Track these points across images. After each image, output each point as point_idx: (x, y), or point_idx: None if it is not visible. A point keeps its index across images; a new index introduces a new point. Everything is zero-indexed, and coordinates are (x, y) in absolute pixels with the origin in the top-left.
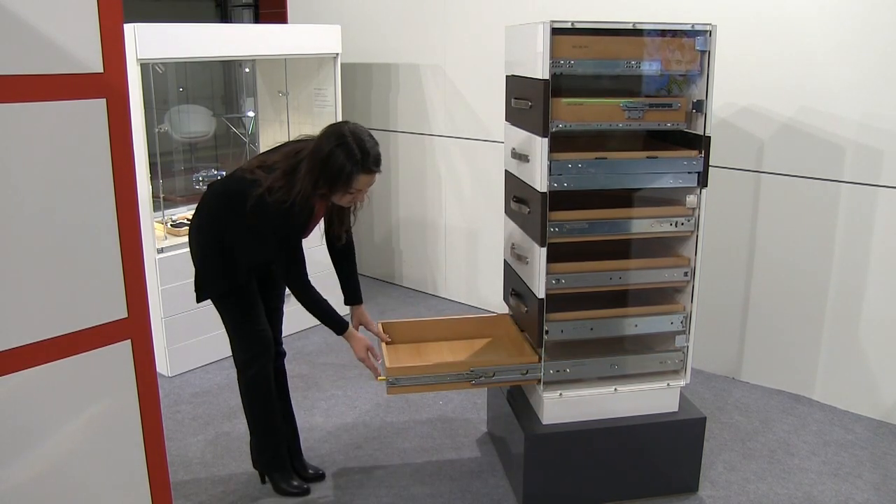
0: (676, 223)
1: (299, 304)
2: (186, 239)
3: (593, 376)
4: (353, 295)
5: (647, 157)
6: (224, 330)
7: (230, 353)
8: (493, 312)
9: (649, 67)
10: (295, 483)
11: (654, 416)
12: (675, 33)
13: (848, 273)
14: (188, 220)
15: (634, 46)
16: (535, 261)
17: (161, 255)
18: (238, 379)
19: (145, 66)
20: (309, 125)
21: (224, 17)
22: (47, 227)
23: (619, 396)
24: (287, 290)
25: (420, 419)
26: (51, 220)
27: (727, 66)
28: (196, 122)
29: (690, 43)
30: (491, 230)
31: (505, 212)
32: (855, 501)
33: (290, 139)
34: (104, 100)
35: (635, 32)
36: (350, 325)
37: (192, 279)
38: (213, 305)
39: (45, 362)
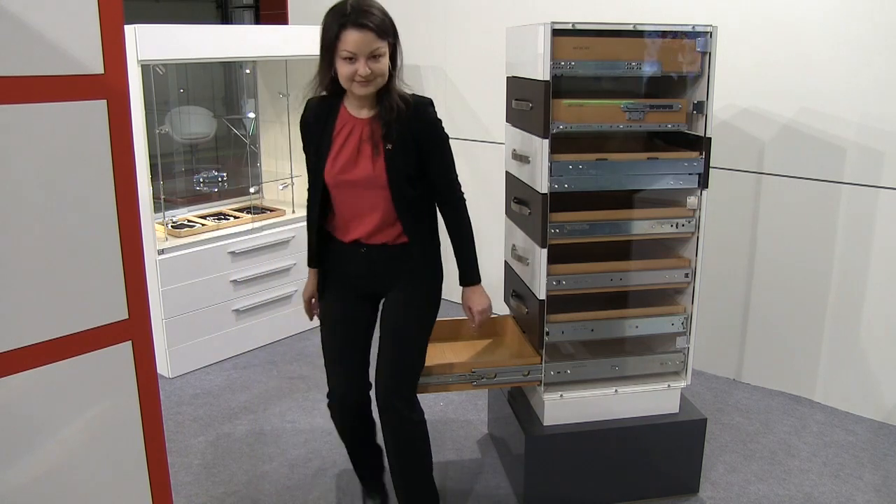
0: (677, 224)
1: (298, 307)
2: (186, 240)
3: (594, 377)
4: (461, 272)
5: (648, 159)
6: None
7: (231, 355)
8: (494, 314)
9: (650, 69)
10: None
11: (654, 418)
12: (675, 34)
13: (848, 274)
14: (188, 221)
15: (635, 48)
16: (536, 262)
17: (162, 257)
18: None
19: (146, 68)
20: None
21: (225, 18)
22: (48, 229)
23: (620, 398)
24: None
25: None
26: (51, 222)
27: (728, 67)
28: (197, 124)
29: (691, 44)
30: (491, 231)
31: (505, 213)
32: (855, 503)
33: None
34: (105, 101)
35: (636, 34)
36: (312, 267)
37: (192, 279)
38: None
39: (46, 363)
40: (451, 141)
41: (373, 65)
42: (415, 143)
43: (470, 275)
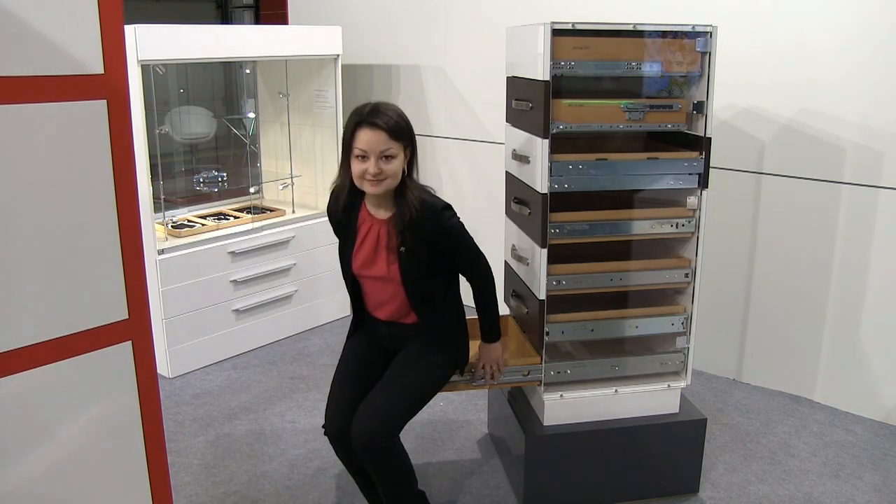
0: (677, 224)
1: (298, 307)
2: (186, 240)
3: (594, 377)
4: (482, 331)
5: (648, 159)
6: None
7: (231, 355)
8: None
9: (650, 69)
10: None
11: (654, 418)
12: (675, 34)
13: (848, 274)
14: (188, 221)
15: (635, 47)
16: (536, 262)
17: (162, 257)
18: None
19: (146, 68)
20: (309, 126)
21: (225, 18)
22: (48, 229)
23: (620, 398)
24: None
25: (421, 420)
26: (51, 222)
27: (728, 67)
28: (197, 124)
29: (691, 44)
30: (491, 231)
31: (505, 213)
32: (856, 503)
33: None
34: (105, 101)
35: (636, 33)
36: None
37: (192, 279)
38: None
39: (46, 363)
40: (451, 141)
41: (383, 165)
42: (429, 247)
43: (488, 335)
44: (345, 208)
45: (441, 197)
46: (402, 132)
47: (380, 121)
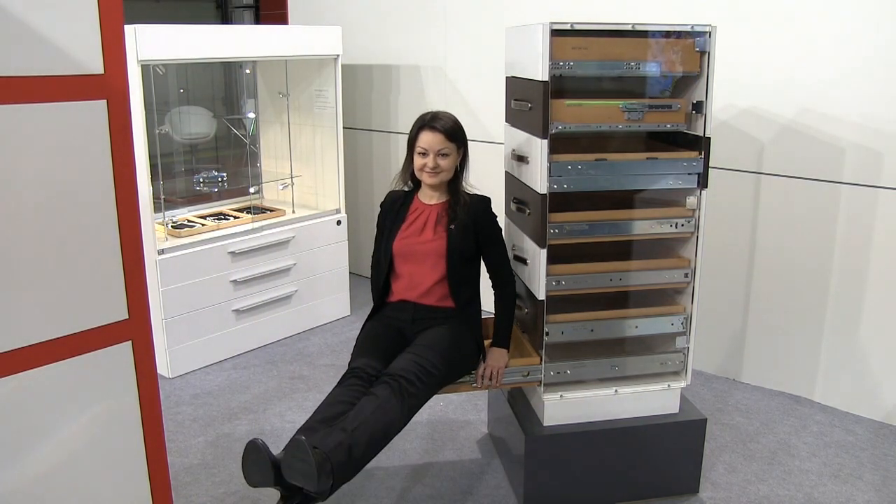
0: (677, 224)
1: (298, 307)
2: (186, 240)
3: (594, 378)
4: (494, 334)
5: (647, 159)
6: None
7: (231, 355)
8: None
9: (649, 69)
10: None
11: (654, 418)
12: (674, 34)
13: (848, 274)
14: (188, 221)
15: (634, 47)
16: (536, 262)
17: (162, 257)
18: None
19: (146, 68)
20: (309, 126)
21: (224, 18)
22: (48, 229)
23: (620, 398)
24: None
25: (421, 420)
26: (51, 222)
27: (727, 67)
28: (197, 124)
29: (690, 44)
30: None
31: (505, 213)
32: (856, 503)
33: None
34: (105, 101)
35: (635, 33)
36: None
37: (192, 280)
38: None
39: (46, 363)
40: None
41: (440, 160)
42: (474, 230)
43: (501, 340)
44: (395, 202)
45: None
46: (456, 135)
47: (438, 125)
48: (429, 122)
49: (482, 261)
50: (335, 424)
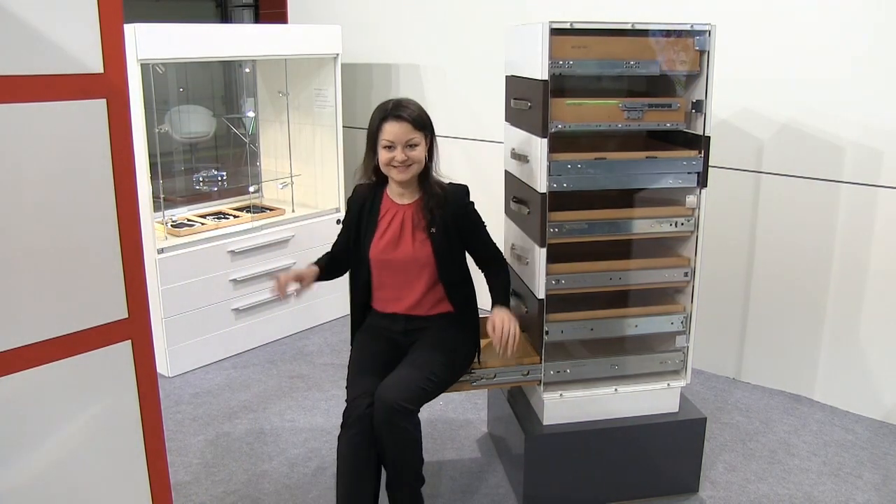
0: (676, 223)
1: (298, 306)
2: (186, 239)
3: (594, 377)
4: (493, 296)
5: (647, 158)
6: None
7: (230, 354)
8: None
9: (648, 68)
10: None
11: (654, 417)
12: (674, 33)
13: (848, 273)
14: (188, 220)
15: (634, 47)
16: (535, 261)
17: (161, 256)
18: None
19: (146, 67)
20: (309, 125)
21: (224, 17)
22: (48, 228)
23: (620, 397)
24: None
25: (421, 419)
26: (51, 221)
27: (727, 65)
28: (196, 123)
29: (690, 43)
30: (491, 231)
31: (505, 212)
32: (855, 502)
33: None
34: (104, 100)
35: (634, 32)
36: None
37: (192, 279)
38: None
39: (46, 363)
40: (450, 141)
41: (409, 152)
42: (455, 225)
43: (500, 297)
44: (364, 199)
45: None
46: (423, 123)
47: (404, 113)
48: (392, 111)
49: (468, 254)
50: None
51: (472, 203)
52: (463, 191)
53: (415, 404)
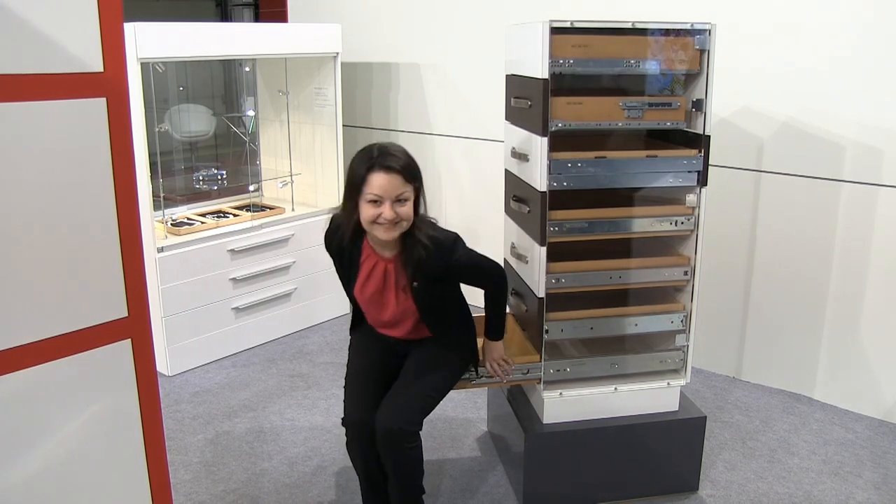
0: (676, 222)
1: (298, 305)
2: (186, 238)
3: (593, 376)
4: (487, 329)
5: (647, 157)
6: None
7: (230, 353)
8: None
9: (649, 66)
10: None
11: (654, 416)
12: (674, 32)
13: (848, 272)
14: (188, 219)
15: (634, 45)
16: (535, 260)
17: (161, 255)
18: None
19: (145, 66)
20: (309, 124)
21: (224, 16)
22: (47, 227)
23: (620, 396)
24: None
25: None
26: (51, 220)
27: (727, 64)
28: (196, 122)
29: (690, 42)
30: (491, 229)
31: (505, 211)
32: (855, 501)
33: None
34: (104, 99)
35: (635, 31)
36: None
37: (192, 277)
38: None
39: (45, 361)
40: (451, 139)
41: (398, 208)
42: (441, 278)
43: (493, 333)
44: (343, 242)
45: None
46: (414, 174)
47: (393, 163)
48: (379, 160)
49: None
50: None
51: (461, 254)
52: (449, 247)
53: (416, 425)
